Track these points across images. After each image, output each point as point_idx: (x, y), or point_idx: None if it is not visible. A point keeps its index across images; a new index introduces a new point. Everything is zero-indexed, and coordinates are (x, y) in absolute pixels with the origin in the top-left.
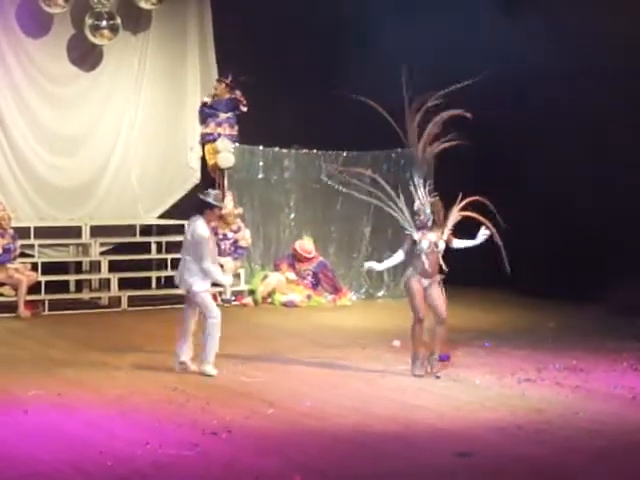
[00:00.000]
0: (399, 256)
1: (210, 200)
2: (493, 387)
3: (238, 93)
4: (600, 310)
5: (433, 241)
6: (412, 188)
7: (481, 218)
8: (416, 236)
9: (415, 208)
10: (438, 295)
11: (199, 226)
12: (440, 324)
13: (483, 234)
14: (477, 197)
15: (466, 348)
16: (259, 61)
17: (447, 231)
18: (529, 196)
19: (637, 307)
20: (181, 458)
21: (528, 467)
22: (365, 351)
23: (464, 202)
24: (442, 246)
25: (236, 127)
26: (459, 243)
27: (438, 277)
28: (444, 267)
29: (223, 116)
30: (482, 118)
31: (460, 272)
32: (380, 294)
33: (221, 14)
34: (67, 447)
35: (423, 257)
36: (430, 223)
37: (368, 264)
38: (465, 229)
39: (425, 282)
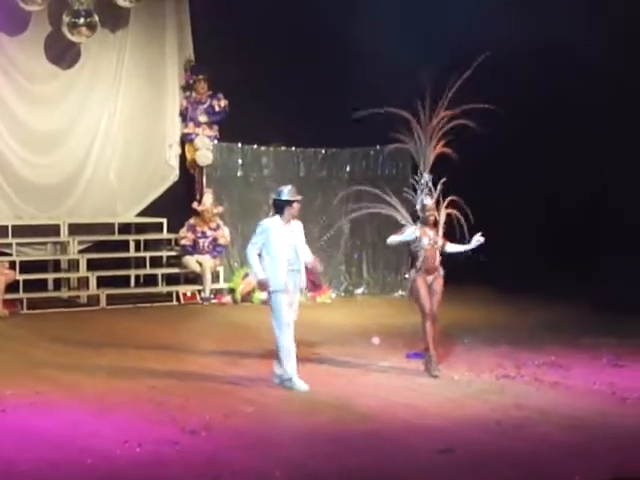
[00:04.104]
0: (397, 238)
1: (286, 197)
2: (472, 384)
3: (220, 96)
4: (579, 307)
5: (432, 237)
6: (418, 185)
7: (457, 214)
8: (417, 233)
9: (425, 203)
10: (438, 290)
11: (266, 220)
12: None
13: (477, 240)
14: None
15: (445, 345)
16: (238, 58)
17: (441, 229)
18: (512, 193)
19: (616, 303)
20: (160, 456)
21: (508, 462)
22: (345, 348)
23: (447, 200)
24: (440, 243)
25: (215, 127)
26: (452, 247)
27: (441, 272)
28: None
29: (203, 118)
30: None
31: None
32: (360, 291)
33: (199, 12)
34: (46, 446)
35: (422, 253)
36: (433, 219)
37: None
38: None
39: (429, 278)
